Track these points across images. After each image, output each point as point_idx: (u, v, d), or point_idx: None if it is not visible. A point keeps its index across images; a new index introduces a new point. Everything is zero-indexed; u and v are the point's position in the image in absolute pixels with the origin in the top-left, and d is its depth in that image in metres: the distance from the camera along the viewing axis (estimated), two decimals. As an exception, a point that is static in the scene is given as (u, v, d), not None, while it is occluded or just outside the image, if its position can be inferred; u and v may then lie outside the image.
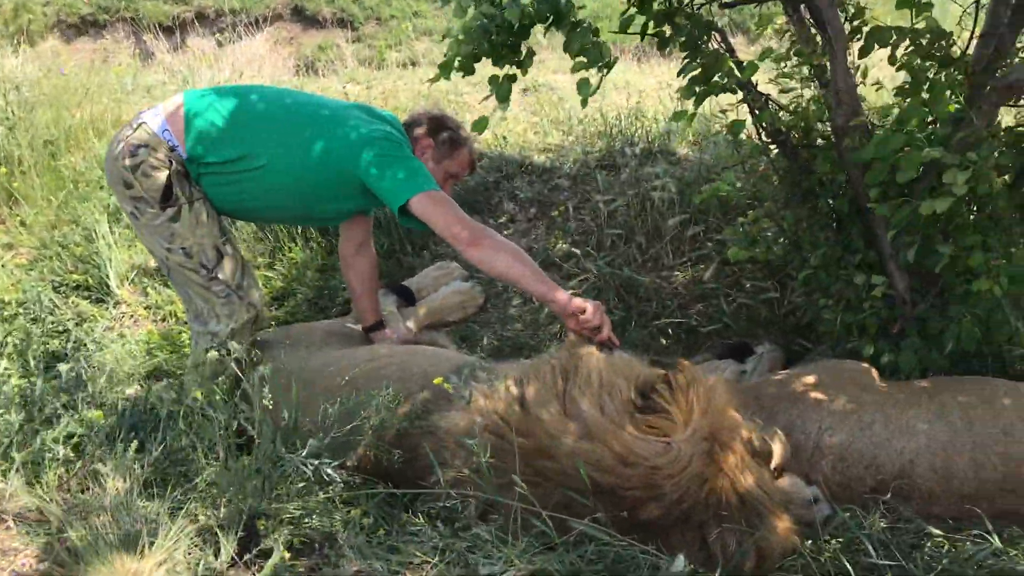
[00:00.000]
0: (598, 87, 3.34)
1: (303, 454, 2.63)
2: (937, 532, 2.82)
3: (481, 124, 3.42)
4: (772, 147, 3.81)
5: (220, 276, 3.55)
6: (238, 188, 3.52)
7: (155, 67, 8.88)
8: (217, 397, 2.96)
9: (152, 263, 5.14)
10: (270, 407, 2.76)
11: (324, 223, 3.95)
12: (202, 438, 2.79)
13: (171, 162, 3.43)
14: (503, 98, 3.34)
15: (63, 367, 3.39)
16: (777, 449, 2.93)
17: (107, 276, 5.06)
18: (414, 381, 3.28)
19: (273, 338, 3.99)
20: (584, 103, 3.42)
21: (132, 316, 4.99)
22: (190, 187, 3.49)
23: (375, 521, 2.60)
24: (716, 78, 3.40)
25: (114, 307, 5.00)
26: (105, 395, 3.51)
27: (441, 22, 13.62)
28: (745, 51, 7.60)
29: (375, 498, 2.73)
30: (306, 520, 2.49)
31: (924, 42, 3.38)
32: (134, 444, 2.82)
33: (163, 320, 5.00)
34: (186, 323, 4.68)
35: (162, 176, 3.41)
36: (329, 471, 2.62)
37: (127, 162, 3.41)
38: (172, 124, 3.45)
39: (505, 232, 5.03)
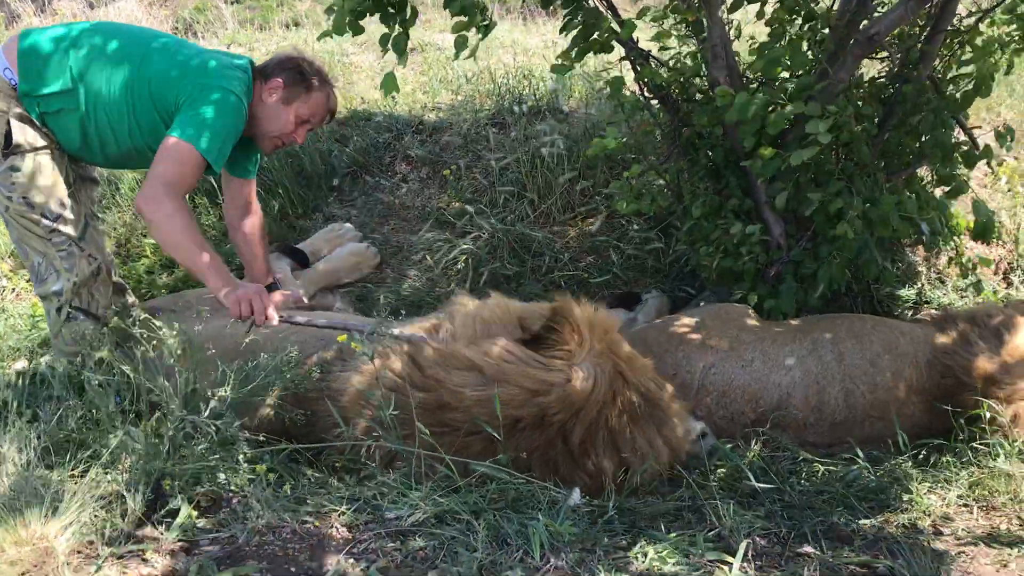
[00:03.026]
0: (476, 49, 3.39)
1: (205, 415, 2.65)
2: (811, 457, 3.04)
3: (390, 83, 3.42)
4: (654, 102, 3.95)
5: (61, 228, 3.39)
6: (79, 125, 3.37)
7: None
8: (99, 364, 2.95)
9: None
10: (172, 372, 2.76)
11: None
12: (99, 406, 2.77)
13: (11, 103, 3.28)
14: (400, 52, 3.36)
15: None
16: None
17: (-16, 251, 4.89)
18: (311, 343, 3.32)
19: (164, 304, 3.94)
20: (456, 56, 3.46)
21: (14, 290, 4.84)
22: (35, 131, 3.34)
23: (281, 476, 2.64)
24: (595, 36, 3.49)
25: (-7, 281, 4.84)
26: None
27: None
28: (629, 9, 7.75)
29: (280, 454, 2.77)
30: (211, 478, 2.52)
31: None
32: (27, 414, 2.78)
33: (47, 292, 4.86)
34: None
35: (2, 119, 3.26)
36: (232, 430, 2.65)
37: None
38: (10, 61, 3.30)
39: (399, 191, 5.06)
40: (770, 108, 3.41)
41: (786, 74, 3.69)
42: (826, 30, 3.54)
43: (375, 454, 2.70)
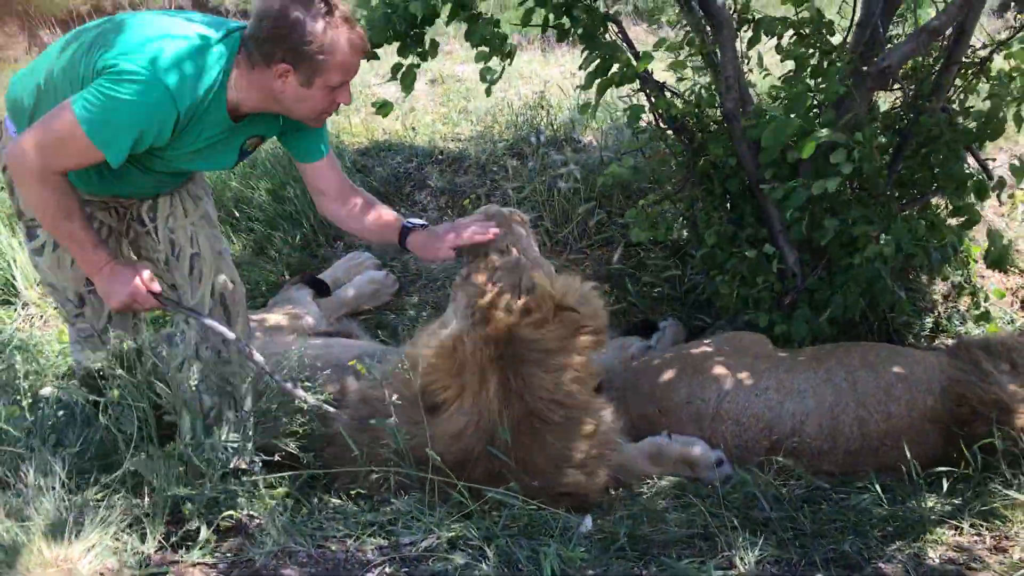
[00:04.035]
0: (500, 75, 3.47)
1: (223, 440, 2.70)
2: (825, 485, 3.05)
3: (386, 108, 3.49)
4: (669, 132, 4.00)
5: (87, 315, 3.17)
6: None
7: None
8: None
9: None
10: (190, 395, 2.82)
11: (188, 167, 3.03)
12: (122, 431, 2.83)
13: None
14: (408, 87, 3.43)
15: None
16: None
17: (13, 278, 4.99)
18: (328, 369, 3.39)
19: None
20: (488, 91, 3.54)
21: (42, 317, 4.94)
22: None
23: (298, 501, 2.69)
24: (615, 69, 3.56)
25: (22, 308, 4.94)
26: (18, 395, 3.50)
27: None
28: (646, 38, 7.83)
29: (297, 480, 2.81)
30: (230, 503, 2.57)
31: (807, 31, 3.60)
32: (52, 439, 2.84)
33: (74, 320, 4.95)
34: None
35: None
36: (248, 456, 2.70)
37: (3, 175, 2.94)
38: (7, 111, 2.90)
39: (417, 221, 5.13)
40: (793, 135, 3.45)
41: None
42: (841, 64, 3.57)
43: (390, 480, 2.75)
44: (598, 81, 3.55)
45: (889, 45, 3.69)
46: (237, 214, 5.17)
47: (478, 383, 2.78)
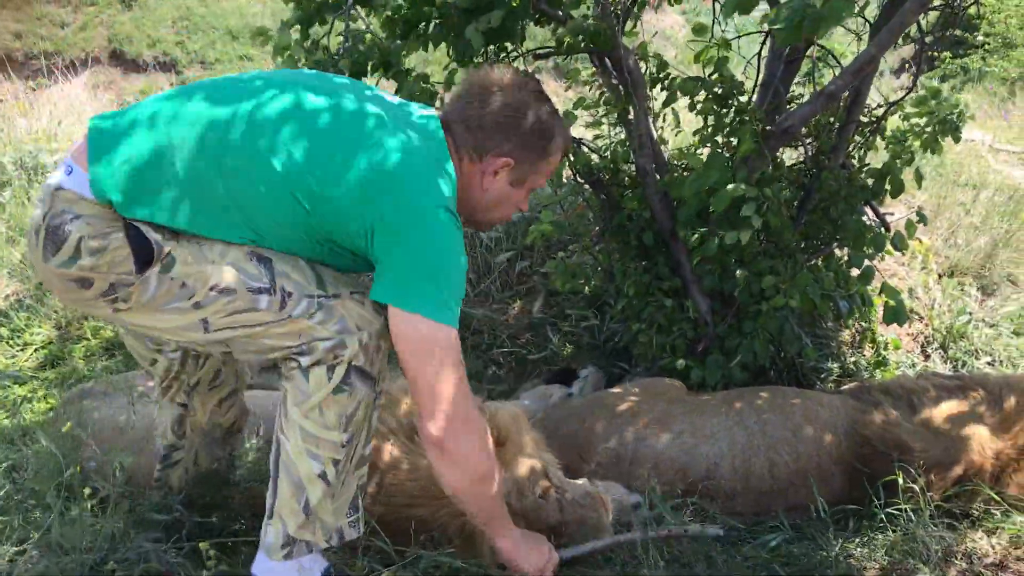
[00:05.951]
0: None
1: (153, 500, 2.70)
2: (739, 525, 3.17)
3: None
4: (587, 187, 4.16)
5: (287, 286, 2.20)
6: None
7: (-38, 114, 8.46)
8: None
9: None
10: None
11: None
12: (41, 490, 2.79)
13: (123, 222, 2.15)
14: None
15: None
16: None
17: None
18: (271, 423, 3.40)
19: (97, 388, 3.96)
20: None
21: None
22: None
23: (220, 554, 2.68)
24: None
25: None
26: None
27: (271, 65, 13.55)
28: (566, 93, 8.06)
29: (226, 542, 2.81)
30: (158, 556, 2.55)
31: (720, 91, 3.79)
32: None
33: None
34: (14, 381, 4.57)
35: (122, 245, 2.12)
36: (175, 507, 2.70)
37: (64, 255, 2.10)
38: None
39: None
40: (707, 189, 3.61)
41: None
42: (754, 121, 3.76)
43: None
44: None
45: (791, 106, 3.92)
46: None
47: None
